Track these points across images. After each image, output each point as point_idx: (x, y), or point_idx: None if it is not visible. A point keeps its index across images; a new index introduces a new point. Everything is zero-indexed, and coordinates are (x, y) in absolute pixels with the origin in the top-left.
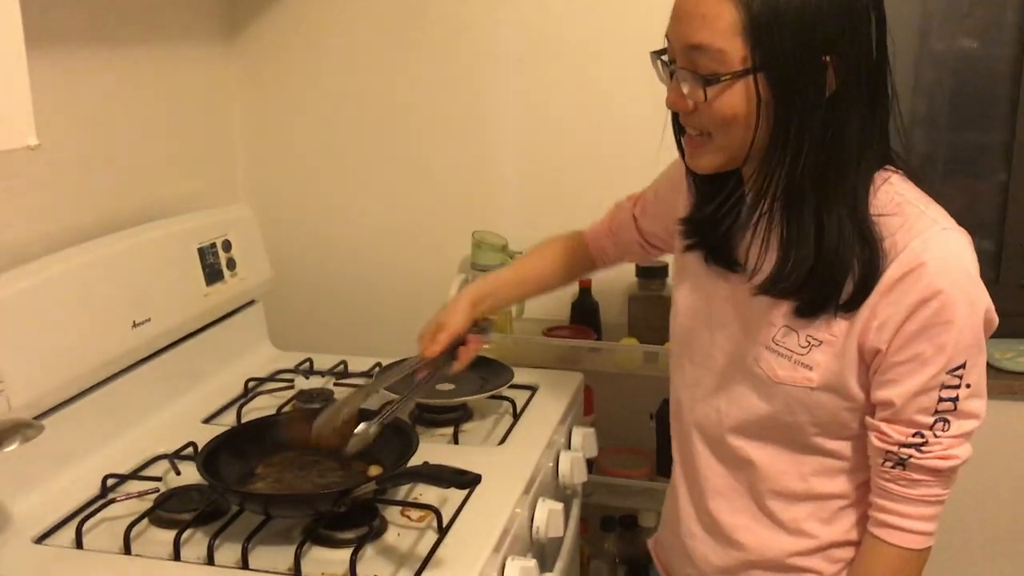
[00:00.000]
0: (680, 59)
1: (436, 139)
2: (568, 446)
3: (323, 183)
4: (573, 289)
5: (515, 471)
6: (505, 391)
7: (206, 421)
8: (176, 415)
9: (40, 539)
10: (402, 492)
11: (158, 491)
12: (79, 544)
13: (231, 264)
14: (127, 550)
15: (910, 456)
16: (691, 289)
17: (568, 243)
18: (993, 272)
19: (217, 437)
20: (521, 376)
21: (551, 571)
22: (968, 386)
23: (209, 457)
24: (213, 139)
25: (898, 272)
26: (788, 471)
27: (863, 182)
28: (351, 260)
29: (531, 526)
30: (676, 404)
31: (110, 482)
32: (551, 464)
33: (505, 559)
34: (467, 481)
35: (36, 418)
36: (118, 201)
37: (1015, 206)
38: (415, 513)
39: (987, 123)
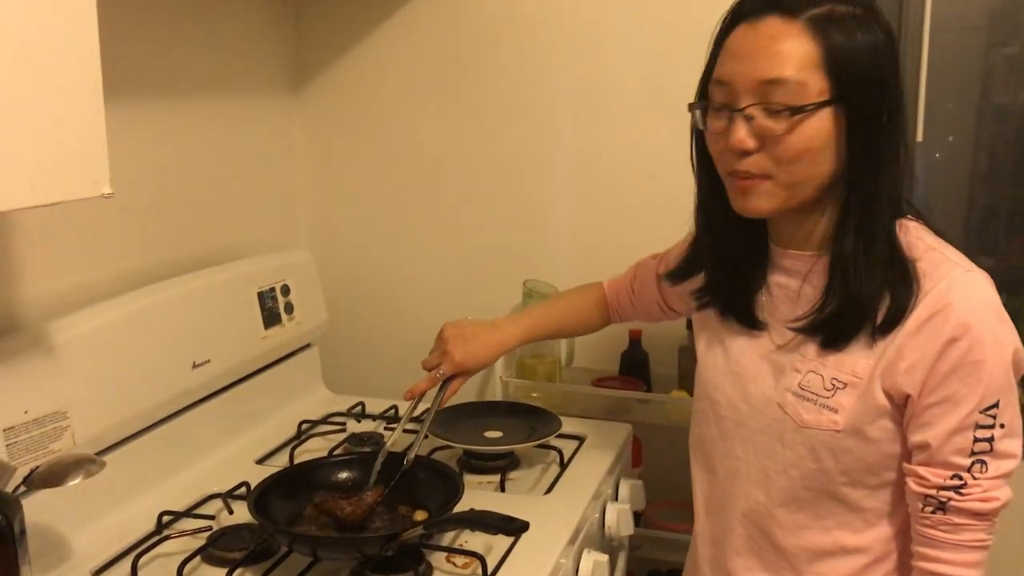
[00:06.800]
0: (749, 97)
1: (490, 190)
2: (615, 497)
3: (379, 231)
4: (623, 339)
5: (560, 521)
6: (553, 440)
7: (260, 461)
8: (231, 455)
9: (97, 572)
10: (448, 538)
11: (211, 529)
12: None
13: (289, 308)
14: None
15: (949, 499)
16: (712, 343)
17: (592, 296)
18: None
19: (268, 478)
20: (569, 426)
21: None
22: (1002, 426)
23: (260, 497)
24: (277, 187)
25: (925, 313)
26: (811, 524)
27: (894, 220)
28: (404, 307)
29: None
30: (703, 455)
31: (166, 519)
32: (597, 515)
33: None
34: (515, 528)
35: (98, 454)
36: (185, 246)
37: None
38: (460, 559)
39: None
